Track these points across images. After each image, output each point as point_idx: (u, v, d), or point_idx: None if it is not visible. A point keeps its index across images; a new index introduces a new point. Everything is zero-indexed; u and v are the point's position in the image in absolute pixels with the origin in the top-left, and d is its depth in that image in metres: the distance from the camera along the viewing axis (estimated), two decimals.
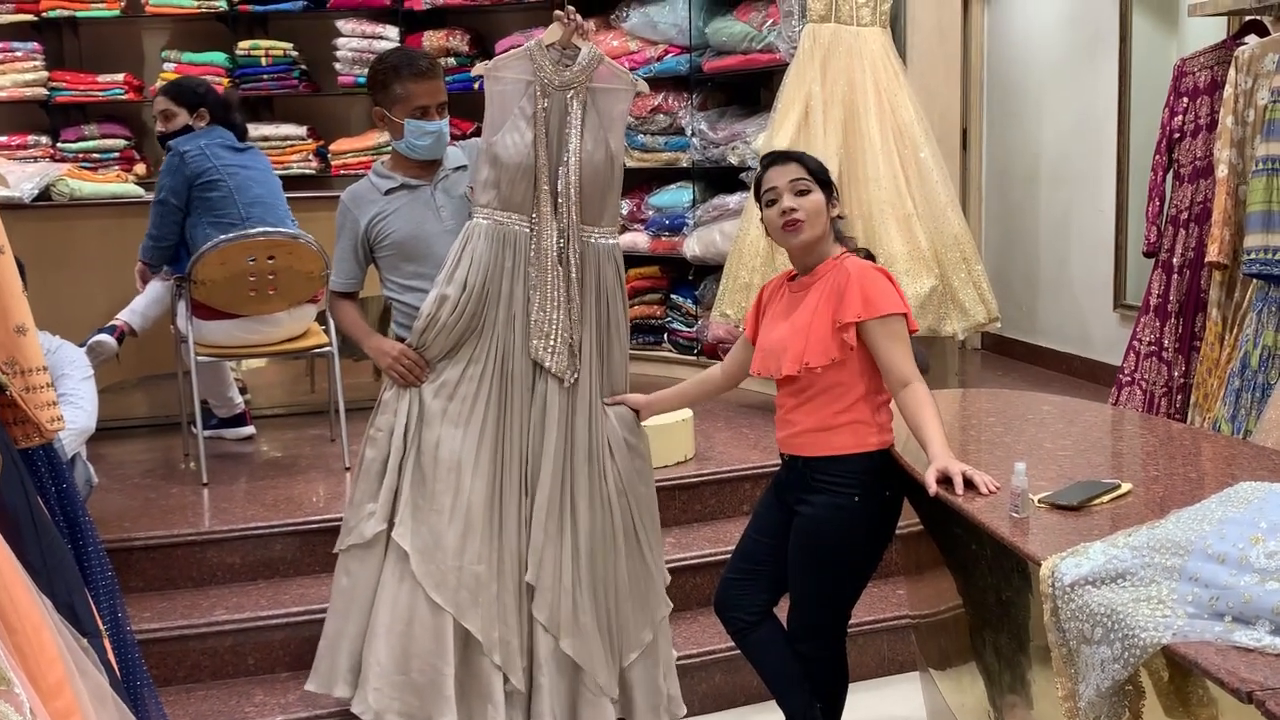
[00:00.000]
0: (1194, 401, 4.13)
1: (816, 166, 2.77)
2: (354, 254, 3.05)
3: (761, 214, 2.81)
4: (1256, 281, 3.68)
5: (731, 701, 3.61)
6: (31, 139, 6.26)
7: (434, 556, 2.87)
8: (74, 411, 3.32)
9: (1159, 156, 4.48)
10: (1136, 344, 4.53)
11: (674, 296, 5.95)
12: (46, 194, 4.75)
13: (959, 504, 2.34)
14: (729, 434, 4.69)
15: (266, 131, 6.26)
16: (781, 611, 2.89)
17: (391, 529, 2.91)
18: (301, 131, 6.39)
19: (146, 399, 5.23)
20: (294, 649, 3.44)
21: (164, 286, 4.52)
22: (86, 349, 4.06)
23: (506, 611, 2.91)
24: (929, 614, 3.12)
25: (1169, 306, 4.39)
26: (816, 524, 2.71)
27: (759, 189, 2.80)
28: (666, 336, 5.99)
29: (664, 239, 5.83)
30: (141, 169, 6.26)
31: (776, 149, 3.44)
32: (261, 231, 4.19)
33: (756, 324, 2.88)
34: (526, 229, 2.92)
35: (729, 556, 3.01)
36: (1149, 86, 5.41)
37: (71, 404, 3.34)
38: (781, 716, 2.92)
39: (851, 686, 2.97)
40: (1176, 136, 4.40)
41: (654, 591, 3.09)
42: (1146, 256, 4.61)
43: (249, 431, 4.87)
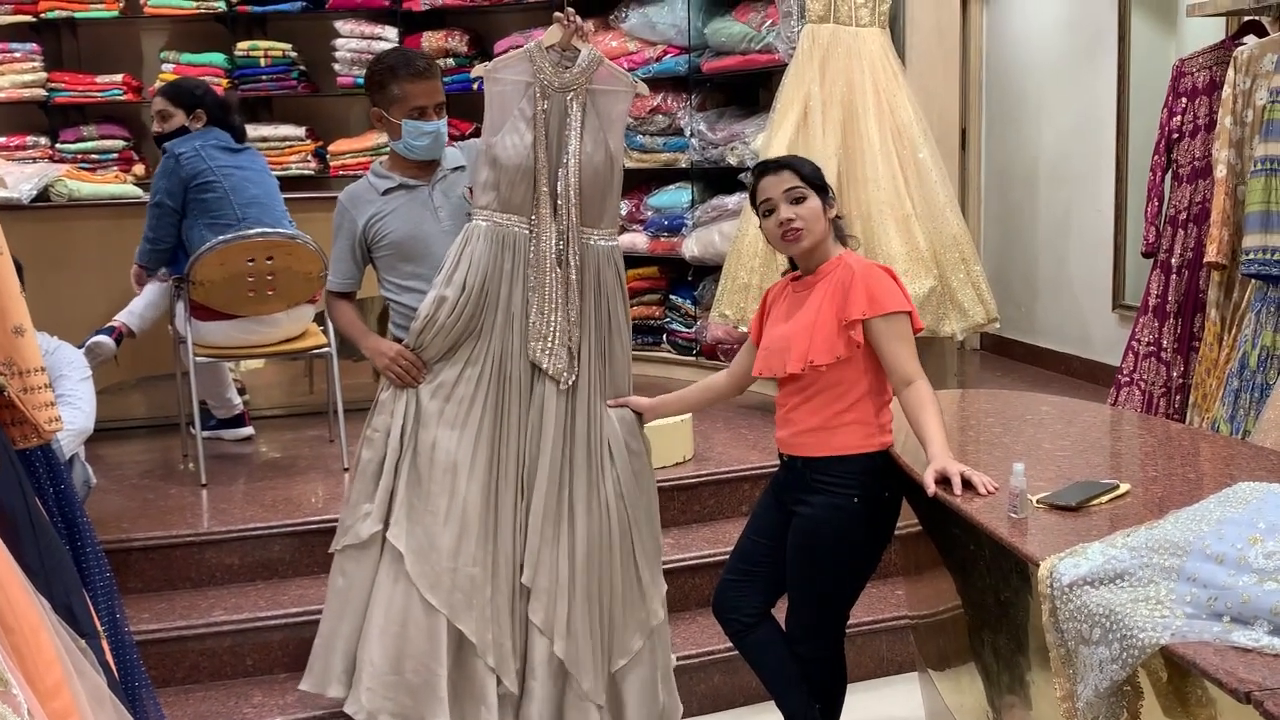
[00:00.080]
0: (1193, 402, 4.13)
1: (810, 171, 2.77)
2: (351, 254, 3.04)
3: (760, 224, 2.81)
4: (1255, 282, 3.68)
5: (730, 702, 3.61)
6: (30, 140, 6.26)
7: (429, 558, 2.86)
8: (72, 412, 3.32)
9: (1158, 157, 4.48)
10: (1135, 344, 4.53)
11: (673, 297, 5.95)
12: (45, 195, 4.75)
13: (957, 504, 2.34)
14: (728, 434, 4.69)
15: (265, 132, 6.26)
16: (780, 612, 2.89)
17: (387, 530, 2.91)
18: (300, 132, 6.39)
19: (145, 400, 5.23)
20: (292, 650, 3.43)
21: (162, 288, 4.52)
22: (85, 350, 4.07)
23: (500, 614, 2.90)
24: (928, 614, 3.12)
25: (1168, 307, 4.39)
26: (815, 525, 2.71)
27: (754, 199, 2.80)
28: (665, 337, 5.99)
29: (663, 239, 5.83)
30: (140, 170, 6.26)
31: (768, 157, 3.44)
32: (260, 232, 4.18)
33: (761, 328, 2.88)
34: (526, 231, 2.91)
35: (727, 557, 3.01)
36: (1148, 87, 5.41)
37: (70, 405, 3.33)
38: (780, 717, 2.91)
39: (850, 687, 2.97)
40: (1175, 137, 4.40)
41: (647, 598, 3.04)
42: (1145, 257, 4.61)
43: (248, 432, 4.86)
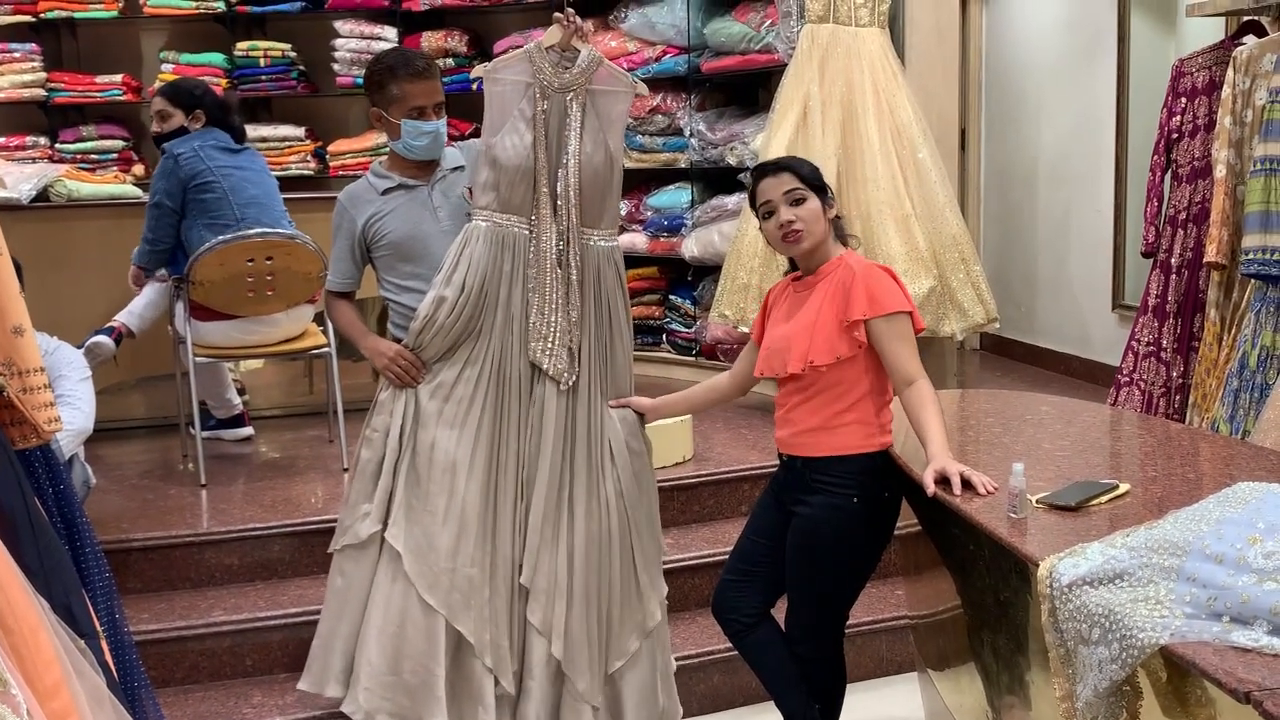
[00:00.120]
0: (1192, 402, 4.13)
1: (809, 172, 2.77)
2: (351, 254, 3.04)
3: (760, 225, 2.81)
4: (1254, 282, 3.68)
5: (730, 702, 3.61)
6: (30, 140, 6.26)
7: (427, 558, 2.86)
8: (71, 412, 3.32)
9: (1157, 157, 4.48)
10: (1135, 344, 4.53)
11: (672, 297, 5.95)
12: (44, 195, 4.75)
13: (957, 504, 2.34)
14: (728, 435, 4.69)
15: (265, 132, 6.26)
16: (779, 612, 2.89)
17: (386, 530, 2.90)
18: (300, 132, 6.39)
19: (144, 400, 5.23)
20: (292, 650, 3.43)
21: (162, 288, 4.52)
22: (84, 350, 4.07)
23: (498, 614, 2.90)
24: (927, 614, 3.12)
25: (1167, 307, 4.39)
26: (814, 525, 2.71)
27: (753, 201, 2.80)
28: (665, 337, 5.99)
29: (662, 240, 5.83)
30: (140, 170, 6.25)
31: (767, 157, 3.44)
32: (260, 232, 4.18)
33: (762, 328, 2.88)
34: (526, 231, 2.91)
35: (727, 557, 3.01)
36: (1147, 87, 5.41)
37: (69, 405, 3.33)
38: (779, 717, 2.91)
39: (850, 687, 2.97)
40: (1175, 137, 4.40)
41: (645, 600, 3.03)
42: (1145, 257, 4.61)
43: (247, 432, 4.86)
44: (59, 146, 6.27)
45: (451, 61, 6.21)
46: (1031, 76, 6.46)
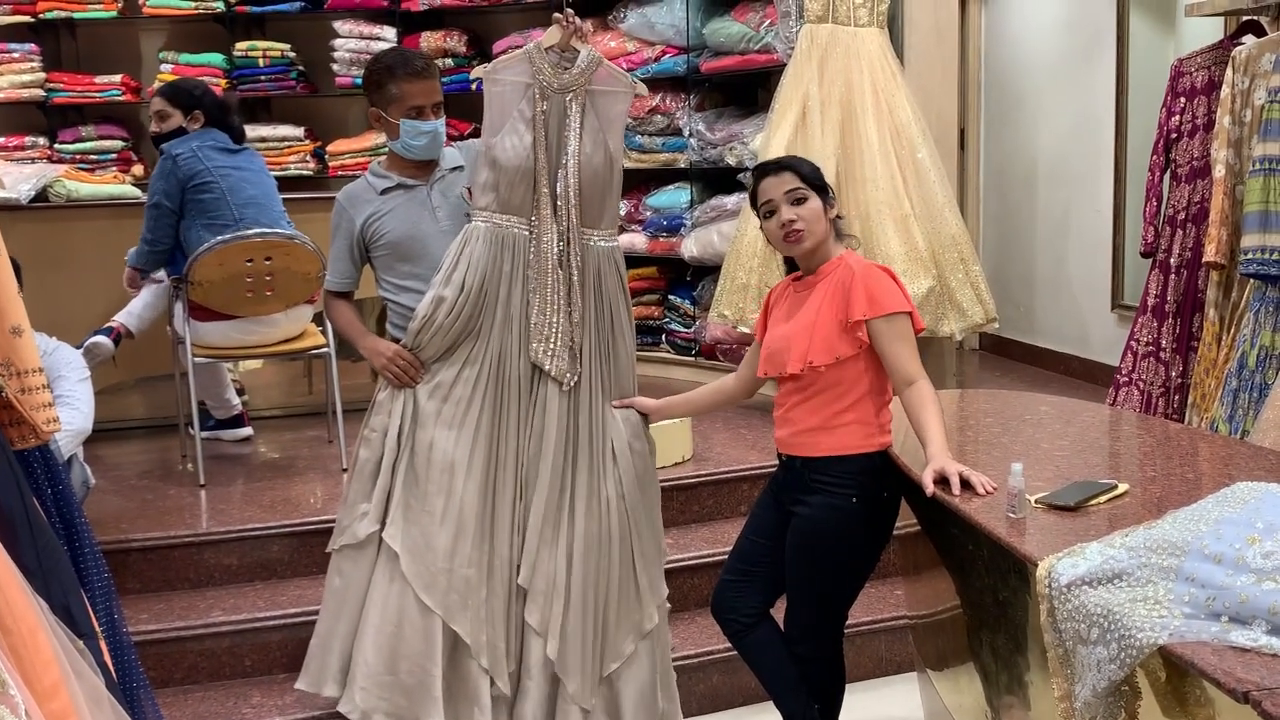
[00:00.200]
0: (1191, 401, 4.13)
1: (810, 171, 2.77)
2: (349, 253, 3.04)
3: (761, 225, 2.81)
4: (1254, 281, 3.68)
5: (729, 702, 3.60)
6: (29, 140, 6.26)
7: (424, 558, 2.86)
8: (70, 413, 3.32)
9: (1156, 157, 4.48)
10: (1134, 344, 4.53)
11: (672, 297, 5.95)
12: (44, 195, 4.75)
13: (956, 504, 2.34)
14: (727, 435, 4.69)
15: (264, 132, 6.26)
16: (779, 612, 2.89)
17: (384, 529, 2.90)
18: (299, 132, 6.39)
19: (144, 400, 5.23)
20: (291, 650, 3.43)
21: (161, 288, 4.52)
22: (83, 350, 4.07)
23: (495, 615, 2.89)
24: (926, 614, 3.12)
25: (1166, 307, 4.39)
26: (814, 525, 2.71)
27: (754, 200, 2.80)
28: (664, 337, 5.99)
29: (662, 240, 5.83)
30: (139, 170, 6.26)
31: (768, 158, 3.44)
32: (259, 233, 4.18)
33: (765, 329, 2.88)
34: (526, 232, 2.91)
35: (726, 557, 3.01)
36: (1146, 87, 5.41)
37: (68, 405, 3.33)
38: (779, 717, 2.91)
39: (849, 687, 2.97)
40: (1174, 137, 4.40)
41: (643, 602, 3.01)
42: (1144, 257, 4.61)
43: (246, 433, 4.86)
44: (58, 147, 6.27)
45: (450, 61, 6.21)
46: (1031, 76, 6.46)
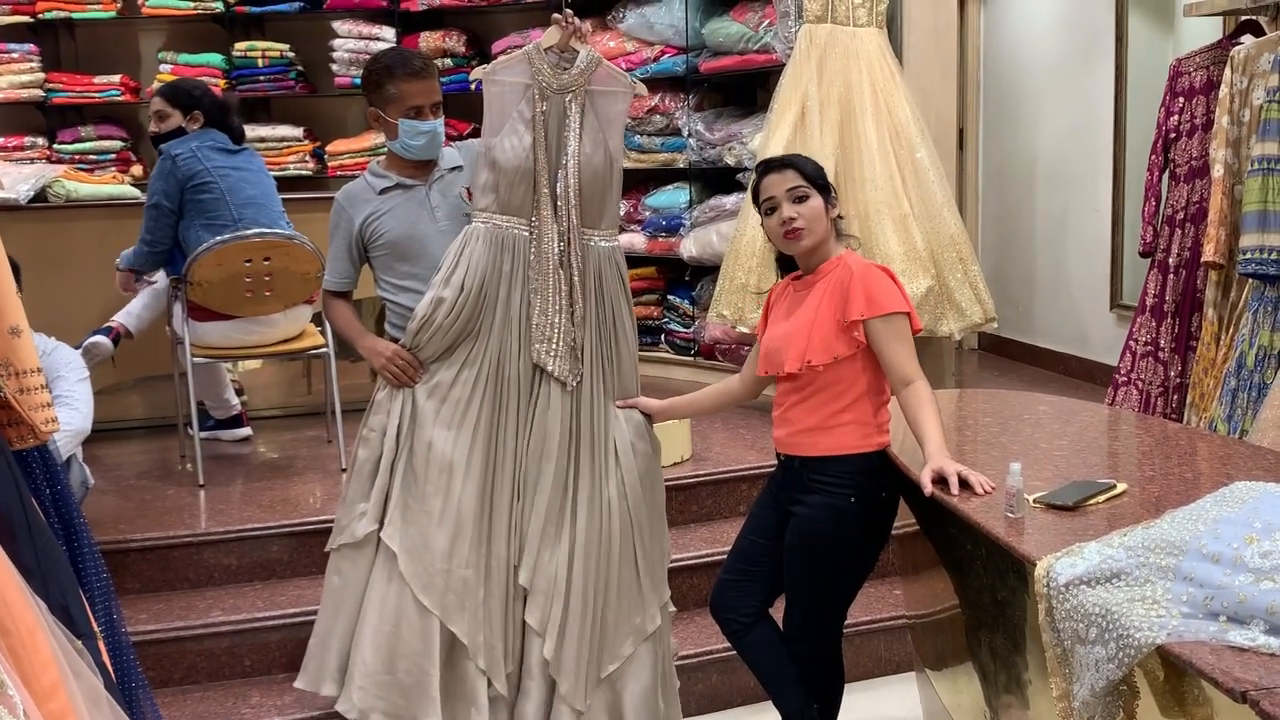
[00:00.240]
0: (1190, 401, 4.14)
1: (813, 170, 2.76)
2: (348, 253, 3.04)
3: (762, 221, 2.81)
4: (1252, 281, 3.68)
5: (728, 702, 3.61)
6: (28, 140, 6.26)
7: (422, 558, 2.86)
8: (69, 413, 3.32)
9: (1155, 156, 4.48)
10: (1133, 344, 4.54)
11: (671, 297, 5.95)
12: (43, 195, 4.75)
13: (954, 504, 2.34)
14: (726, 435, 4.69)
15: (263, 132, 6.26)
16: (777, 612, 2.89)
17: (382, 529, 2.90)
18: (298, 133, 6.39)
19: (143, 400, 5.24)
20: (290, 650, 3.43)
21: (159, 288, 4.52)
22: (82, 350, 4.07)
23: (493, 616, 2.89)
24: (925, 614, 3.12)
25: (1165, 306, 4.39)
26: (812, 525, 2.71)
27: (756, 196, 2.80)
28: (663, 337, 5.99)
29: (661, 240, 5.83)
30: (138, 170, 6.26)
31: (771, 155, 3.44)
32: (258, 233, 4.18)
33: (765, 328, 2.88)
34: (526, 233, 2.90)
35: (725, 557, 3.01)
36: (1145, 87, 5.41)
37: (67, 406, 3.33)
38: (778, 717, 2.91)
39: (848, 687, 2.97)
40: (1172, 136, 4.40)
41: (645, 604, 3.00)
42: (1143, 256, 4.61)
43: (245, 433, 4.86)
44: (57, 147, 6.28)
45: (450, 61, 6.21)
46: (1029, 76, 6.46)
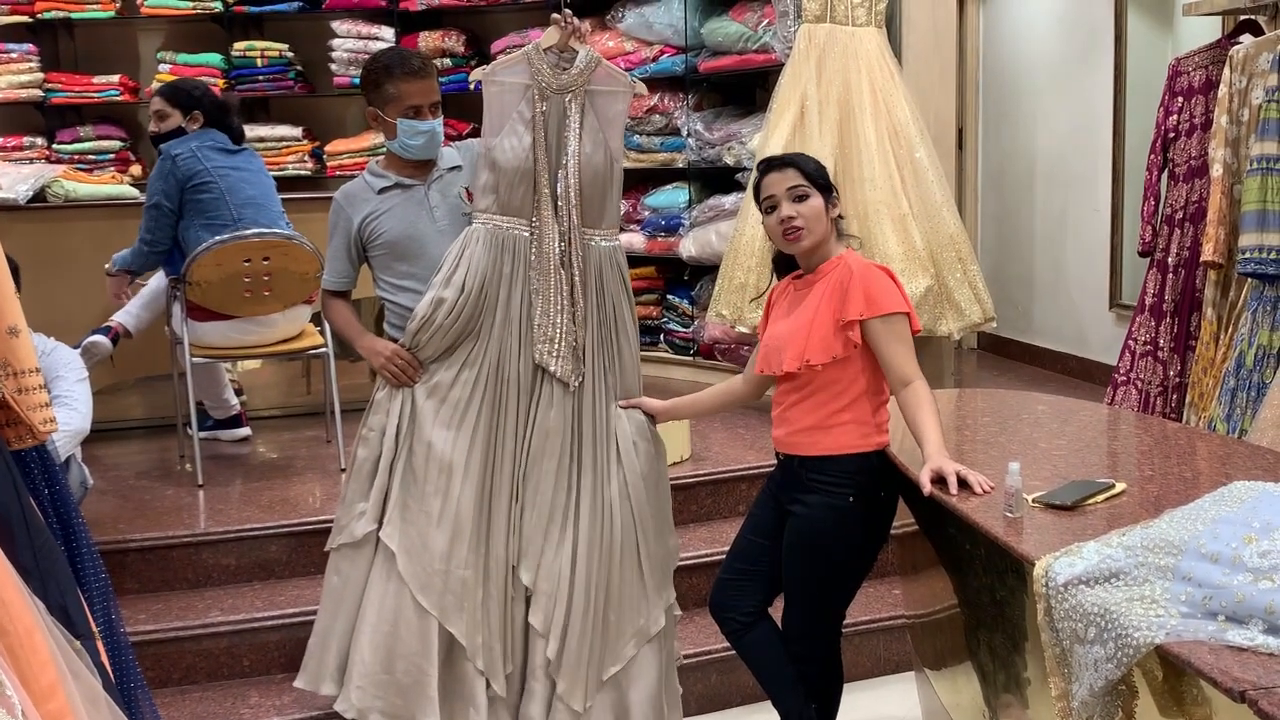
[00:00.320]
0: (1189, 401, 4.14)
1: (814, 169, 2.76)
2: (347, 253, 3.04)
3: (762, 219, 2.81)
4: (1251, 281, 3.68)
5: (727, 702, 3.61)
6: (27, 140, 6.26)
7: (421, 558, 2.86)
8: (68, 413, 3.31)
9: (1154, 156, 4.48)
10: (1132, 343, 4.54)
11: (670, 297, 5.95)
12: (42, 195, 4.75)
13: (953, 504, 2.34)
14: (725, 434, 4.69)
15: (262, 132, 6.26)
16: (776, 612, 2.89)
17: (381, 529, 2.90)
18: (297, 132, 6.39)
19: (142, 401, 5.24)
20: (289, 650, 3.43)
21: (159, 288, 4.52)
22: (81, 350, 4.06)
23: (491, 617, 2.89)
24: (924, 614, 3.12)
25: (1164, 306, 4.39)
26: (811, 524, 2.71)
27: (757, 194, 2.80)
28: (662, 337, 5.99)
29: (660, 239, 5.83)
30: (137, 170, 6.26)
31: (772, 153, 3.44)
32: (257, 233, 4.18)
33: (766, 327, 2.88)
34: (526, 233, 2.90)
35: (724, 557, 3.01)
36: (1144, 86, 5.42)
37: (66, 406, 3.33)
38: (777, 717, 2.91)
39: (847, 686, 2.97)
40: (1171, 136, 4.40)
41: (650, 605, 2.99)
42: (1142, 256, 4.61)
43: (244, 433, 4.86)
44: (56, 147, 6.28)
45: (449, 61, 6.21)
46: (1029, 76, 6.46)
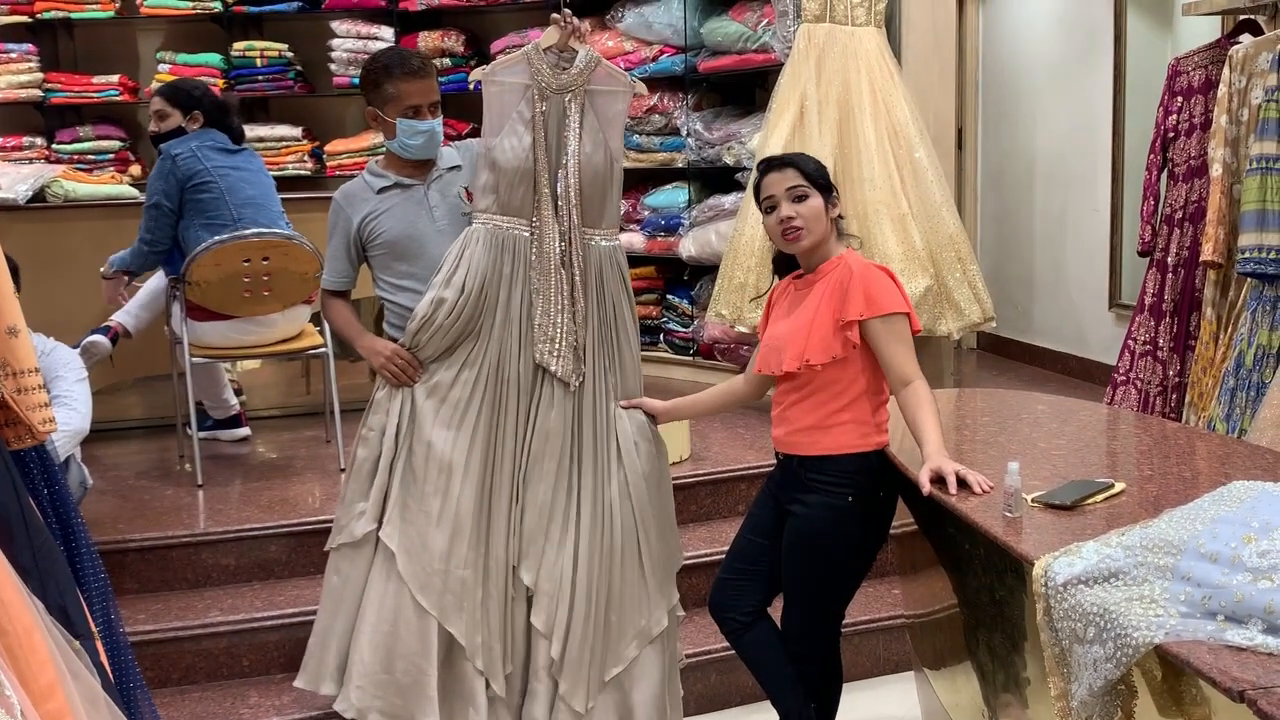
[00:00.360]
0: (1189, 400, 4.14)
1: (814, 169, 2.76)
2: (346, 252, 3.04)
3: (762, 219, 2.81)
4: (1251, 280, 3.68)
5: (726, 702, 3.61)
6: (26, 140, 6.26)
7: (420, 558, 2.86)
8: (68, 413, 3.31)
9: (1153, 156, 4.48)
10: (1131, 343, 4.54)
11: (670, 297, 5.95)
12: (41, 195, 4.75)
13: (953, 504, 2.34)
14: (725, 434, 4.69)
15: (262, 132, 6.26)
16: (776, 611, 2.89)
17: (381, 529, 2.90)
18: (297, 132, 6.39)
19: (141, 400, 5.24)
20: (289, 650, 3.43)
21: (158, 287, 4.52)
22: (80, 350, 4.06)
23: (491, 617, 2.89)
24: (923, 614, 3.12)
25: (1164, 306, 4.39)
26: (810, 524, 2.71)
27: (757, 194, 2.80)
28: (662, 337, 5.99)
29: (660, 239, 5.83)
30: (137, 170, 6.26)
31: (772, 153, 3.43)
32: (256, 233, 4.17)
33: (766, 327, 2.88)
34: (527, 233, 2.90)
35: (724, 556, 3.01)
36: (1144, 86, 5.42)
37: (65, 406, 3.33)
38: (776, 717, 2.91)
39: (846, 686, 2.97)
40: (1171, 136, 4.40)
41: (652, 606, 2.99)
42: (1141, 256, 4.61)
43: (244, 433, 4.86)
44: (56, 147, 6.28)
45: (448, 61, 6.21)
46: (1028, 76, 6.46)
